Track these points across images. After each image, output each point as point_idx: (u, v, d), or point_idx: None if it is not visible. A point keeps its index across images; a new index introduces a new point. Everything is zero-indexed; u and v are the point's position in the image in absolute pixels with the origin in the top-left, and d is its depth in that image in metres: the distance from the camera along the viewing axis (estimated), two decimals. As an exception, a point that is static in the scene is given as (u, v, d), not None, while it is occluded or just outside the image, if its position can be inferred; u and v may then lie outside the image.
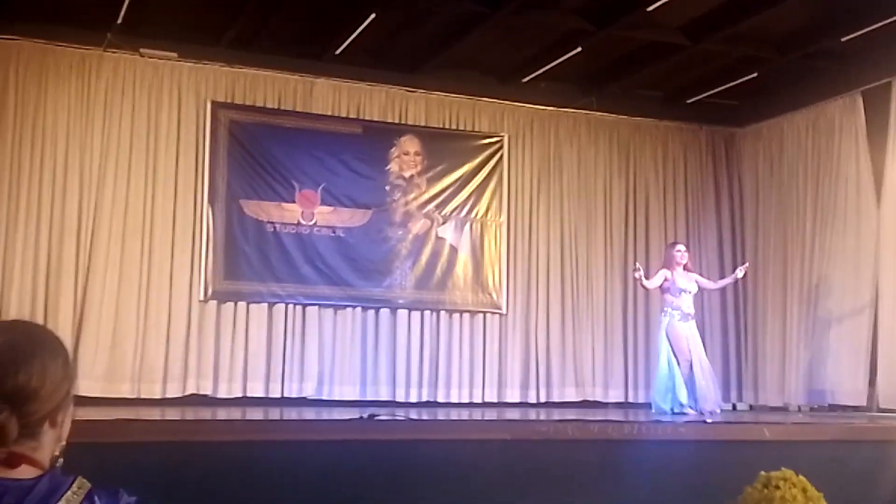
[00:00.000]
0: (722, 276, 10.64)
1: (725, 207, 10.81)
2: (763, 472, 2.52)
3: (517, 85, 9.93)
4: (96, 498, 1.51)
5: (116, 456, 3.22)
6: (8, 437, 1.48)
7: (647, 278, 8.22)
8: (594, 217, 10.28)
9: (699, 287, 8.41)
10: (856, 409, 8.84)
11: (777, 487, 2.45)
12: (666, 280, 8.17)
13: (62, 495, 1.49)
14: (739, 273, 8.62)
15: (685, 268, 8.30)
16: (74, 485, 1.51)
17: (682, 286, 8.15)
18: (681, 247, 8.47)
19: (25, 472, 1.51)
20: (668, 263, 8.30)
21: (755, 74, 9.50)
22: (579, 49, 8.90)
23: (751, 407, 10.28)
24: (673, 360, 7.98)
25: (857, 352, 8.99)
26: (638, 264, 8.61)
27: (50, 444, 1.57)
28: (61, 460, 1.59)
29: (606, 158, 10.43)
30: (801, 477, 2.48)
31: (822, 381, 9.28)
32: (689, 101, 10.46)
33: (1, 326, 1.60)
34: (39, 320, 7.57)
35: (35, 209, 8.39)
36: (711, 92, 10.14)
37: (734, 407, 10.41)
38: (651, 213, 10.52)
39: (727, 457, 4.54)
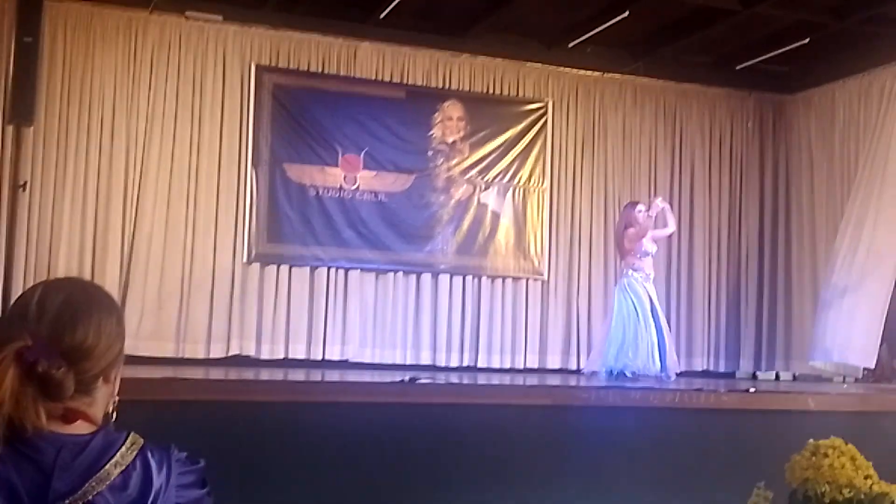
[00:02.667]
0: (761, 248, 10.54)
1: (770, 175, 10.65)
2: (811, 441, 2.49)
3: (563, 50, 9.82)
4: (149, 453, 1.54)
5: (162, 413, 3.26)
6: (65, 393, 1.50)
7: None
8: (638, 184, 10.18)
9: (655, 241, 8.00)
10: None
11: (825, 455, 2.42)
12: (644, 244, 7.90)
13: (116, 451, 1.51)
14: (657, 205, 8.14)
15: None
16: (128, 440, 1.54)
17: (648, 248, 7.87)
18: (641, 206, 8.02)
19: (80, 427, 1.53)
20: (632, 224, 7.88)
21: (807, 40, 9.29)
22: (627, 13, 8.76)
23: (794, 377, 10.18)
24: (630, 322, 7.70)
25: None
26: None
27: (103, 401, 1.60)
28: (115, 416, 1.62)
29: (651, 125, 10.31)
30: (849, 445, 2.45)
31: (870, 352, 9.14)
32: (738, 67, 10.26)
33: (57, 284, 1.63)
34: (87, 280, 7.68)
35: (82, 172, 8.50)
36: (762, 58, 9.94)
37: (777, 377, 10.33)
38: (696, 180, 10.41)
39: (771, 426, 4.50)
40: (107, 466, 1.49)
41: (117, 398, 1.64)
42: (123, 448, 1.52)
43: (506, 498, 4.00)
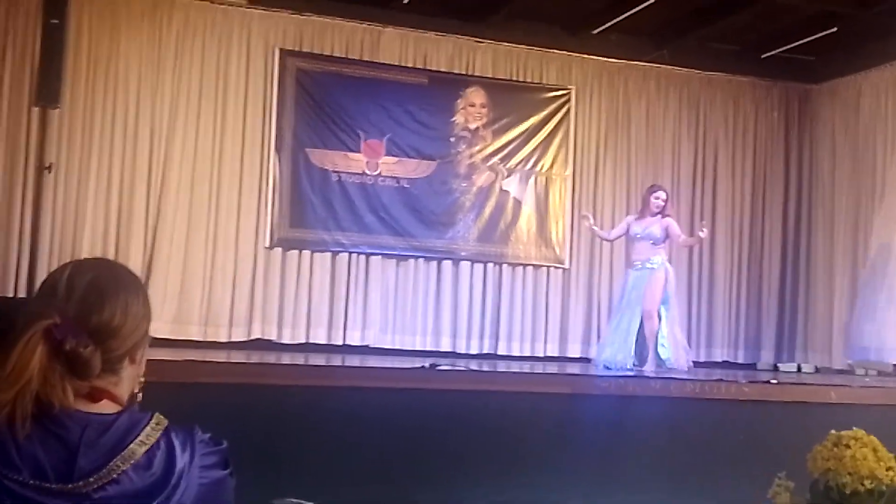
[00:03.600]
0: (784, 240, 10.47)
1: (794, 166, 10.58)
2: (833, 432, 2.48)
3: (587, 37, 9.77)
4: (173, 435, 1.55)
5: (184, 395, 3.29)
6: (91, 371, 1.52)
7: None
8: (661, 173, 10.12)
9: (668, 236, 7.73)
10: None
11: (847, 447, 2.41)
12: (628, 229, 7.82)
13: (141, 430, 1.53)
14: (702, 233, 8.04)
15: (663, 215, 7.73)
16: (153, 421, 1.55)
17: (636, 232, 7.71)
18: (660, 193, 7.81)
19: (106, 406, 1.55)
20: (642, 209, 7.78)
21: (835, 29, 9.20)
22: (652, 0, 8.70)
23: (816, 369, 10.13)
24: (627, 313, 7.56)
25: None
26: (586, 211, 8.29)
27: (129, 381, 1.61)
28: (140, 396, 1.64)
29: (676, 113, 10.26)
30: (871, 437, 2.44)
31: (889, 343, 9.07)
32: (763, 56, 10.18)
33: (85, 264, 1.64)
34: (110, 262, 7.74)
35: (107, 155, 8.55)
36: (788, 46, 9.86)
37: (799, 368, 10.28)
38: (719, 169, 10.35)
39: (792, 418, 4.48)
40: (132, 446, 1.50)
41: (143, 379, 1.66)
42: (148, 428, 1.53)
43: (523, 484, 4.01)
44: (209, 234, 8.78)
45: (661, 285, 7.61)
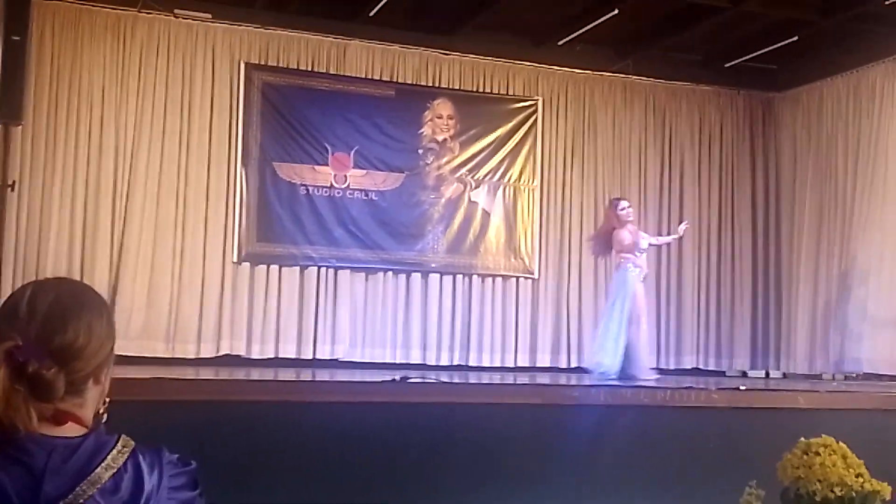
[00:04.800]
0: (755, 245, 10.56)
1: (761, 173, 10.70)
2: (803, 439, 2.49)
3: (552, 48, 9.83)
4: (140, 456, 1.53)
5: (151, 414, 3.24)
6: (55, 393, 1.49)
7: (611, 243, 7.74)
8: (628, 182, 10.19)
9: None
10: (891, 378, 8.75)
11: (817, 454, 2.42)
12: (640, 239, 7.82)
13: (107, 453, 1.50)
14: (681, 230, 8.21)
15: (634, 225, 7.80)
16: (119, 443, 1.53)
17: (643, 245, 7.77)
18: (624, 203, 7.87)
19: (71, 429, 1.52)
20: (616, 223, 7.74)
21: (796, 38, 9.32)
22: (616, 11, 8.77)
23: (784, 375, 10.22)
24: (624, 320, 7.47)
25: (894, 321, 8.88)
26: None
27: (93, 402, 1.59)
28: (105, 417, 1.61)
29: (641, 123, 10.33)
30: (841, 444, 2.46)
31: (857, 350, 9.19)
32: (727, 65, 10.29)
33: (47, 284, 1.62)
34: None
35: (71, 171, 8.47)
36: (750, 55, 9.97)
37: (767, 374, 10.36)
38: (685, 178, 10.44)
39: (761, 424, 4.50)
40: (98, 469, 1.48)
41: (108, 399, 1.64)
42: (115, 451, 1.51)
43: (497, 497, 3.99)
44: (176, 250, 8.71)
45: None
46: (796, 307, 10.06)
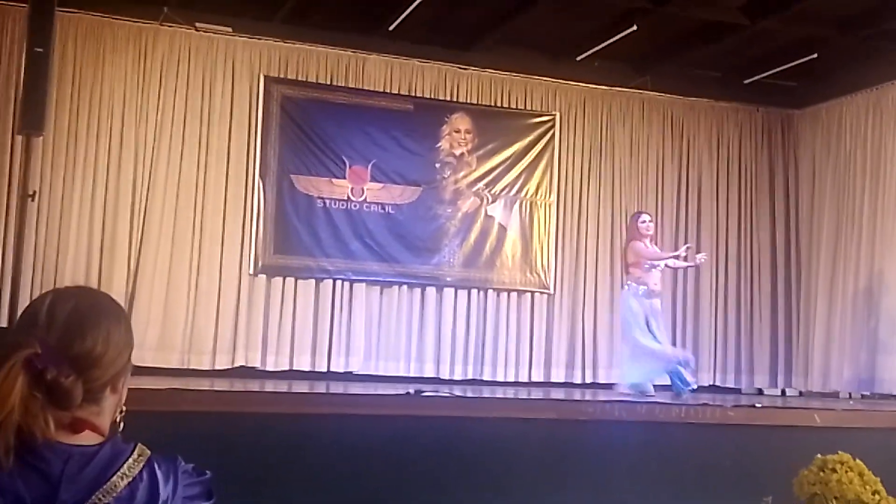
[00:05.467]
0: (773, 262, 10.51)
1: (780, 191, 10.64)
2: (819, 456, 2.48)
3: (570, 63, 9.83)
4: (156, 465, 1.53)
5: (167, 424, 3.26)
6: (73, 401, 1.50)
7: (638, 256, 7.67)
8: (645, 199, 10.17)
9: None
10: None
11: (833, 471, 2.41)
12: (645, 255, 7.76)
13: (123, 462, 1.51)
14: (699, 259, 8.05)
15: (652, 240, 7.84)
16: (135, 452, 1.54)
17: (656, 261, 7.72)
18: (646, 217, 7.92)
19: (88, 437, 1.53)
20: (636, 236, 7.74)
21: (815, 55, 9.29)
22: (635, 27, 8.77)
23: (800, 393, 10.15)
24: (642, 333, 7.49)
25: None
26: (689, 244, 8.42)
27: (110, 410, 1.60)
28: (122, 426, 1.62)
29: (659, 139, 10.31)
30: (857, 461, 2.44)
31: (875, 369, 9.12)
32: (746, 82, 10.27)
33: (66, 292, 1.63)
34: (94, 290, 7.69)
35: (91, 182, 8.53)
36: (769, 72, 9.95)
37: (783, 392, 10.29)
38: (703, 195, 10.39)
39: (777, 441, 4.48)
40: (114, 478, 1.49)
41: (124, 408, 1.64)
42: (130, 460, 1.52)
43: (511, 511, 3.98)
44: (193, 261, 8.75)
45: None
46: (814, 325, 9.99)
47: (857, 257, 9.51)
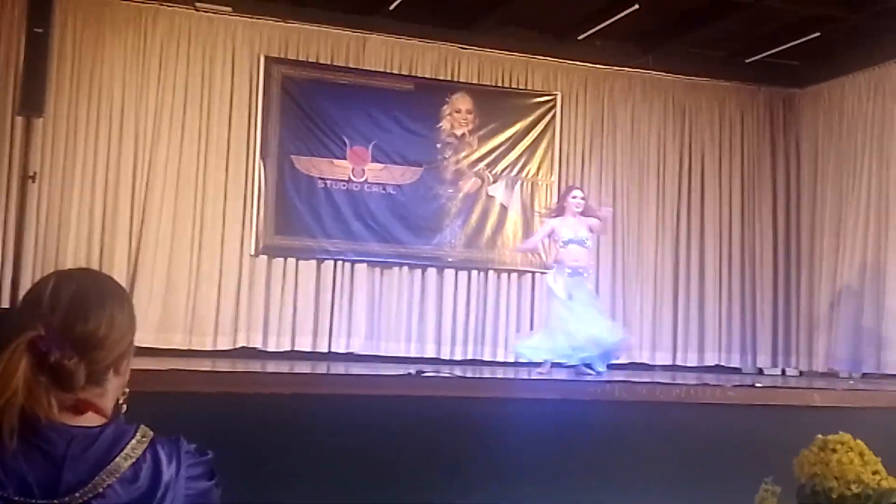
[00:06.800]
0: (775, 241, 10.50)
1: (781, 171, 10.63)
2: (820, 436, 2.49)
3: (572, 43, 9.80)
4: (159, 446, 1.54)
5: (169, 405, 3.27)
6: (76, 383, 1.51)
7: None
8: (646, 178, 10.16)
9: (591, 233, 7.49)
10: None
11: (834, 451, 2.42)
12: (553, 232, 7.56)
13: (127, 443, 1.52)
14: (604, 213, 7.77)
15: (584, 215, 7.44)
16: (138, 433, 1.55)
17: (567, 237, 7.37)
18: (577, 192, 7.56)
19: (91, 419, 1.54)
20: (560, 211, 7.53)
21: (818, 34, 9.25)
22: (637, 6, 8.73)
23: (801, 373, 10.17)
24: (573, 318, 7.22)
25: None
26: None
27: (113, 392, 1.61)
28: (125, 407, 1.63)
29: (661, 119, 10.29)
30: (858, 441, 2.45)
31: (876, 349, 9.13)
32: (748, 61, 10.23)
33: (69, 274, 1.63)
34: (95, 271, 7.71)
35: (91, 163, 8.52)
36: (771, 52, 9.91)
37: (783, 372, 10.32)
38: (706, 174, 10.38)
39: (777, 421, 4.50)
40: (117, 459, 1.50)
41: (127, 390, 1.65)
42: (134, 440, 1.53)
43: (511, 491, 4.00)
44: (194, 242, 8.75)
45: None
46: (818, 305, 10.00)
47: (860, 237, 9.50)
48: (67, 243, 8.35)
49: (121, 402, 1.63)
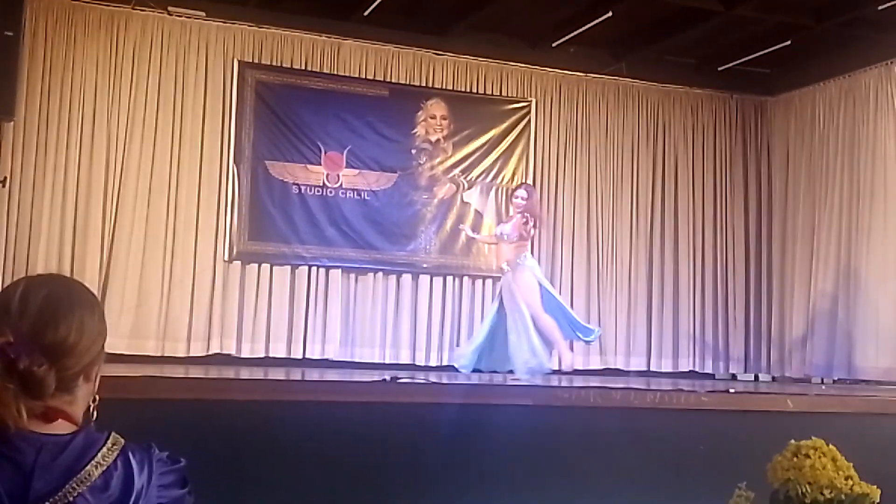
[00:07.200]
0: (747, 247, 10.56)
1: (753, 178, 10.72)
2: (793, 441, 2.50)
3: (546, 50, 9.84)
4: (130, 454, 1.53)
5: (141, 412, 3.24)
6: (45, 390, 1.49)
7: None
8: (620, 184, 10.21)
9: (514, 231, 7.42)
10: (879, 384, 8.77)
11: (807, 456, 2.43)
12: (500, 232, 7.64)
13: (98, 451, 1.50)
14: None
15: (523, 214, 7.39)
16: (109, 441, 1.53)
17: (500, 233, 7.52)
18: (519, 191, 7.60)
19: (61, 427, 1.52)
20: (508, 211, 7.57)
21: (789, 42, 9.35)
22: (610, 14, 8.78)
23: (773, 378, 10.25)
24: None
25: (887, 327, 8.90)
26: (462, 225, 8.59)
27: (84, 399, 1.59)
28: (95, 414, 1.61)
29: (634, 126, 10.35)
30: (831, 447, 2.47)
31: (848, 355, 9.21)
32: (720, 69, 10.32)
33: (39, 280, 1.61)
34: (66, 277, 7.63)
35: (62, 167, 8.44)
36: (744, 59, 10.00)
37: (756, 378, 10.39)
38: (679, 181, 10.45)
39: (750, 427, 4.52)
40: (88, 467, 1.48)
41: (97, 397, 1.63)
42: (105, 448, 1.51)
43: (486, 498, 3.99)
44: (167, 248, 8.69)
45: (526, 283, 7.31)
46: (790, 311, 10.08)
47: (832, 243, 9.59)
48: (38, 248, 8.26)
49: (91, 409, 1.61)
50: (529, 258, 7.60)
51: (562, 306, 7.58)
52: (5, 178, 8.12)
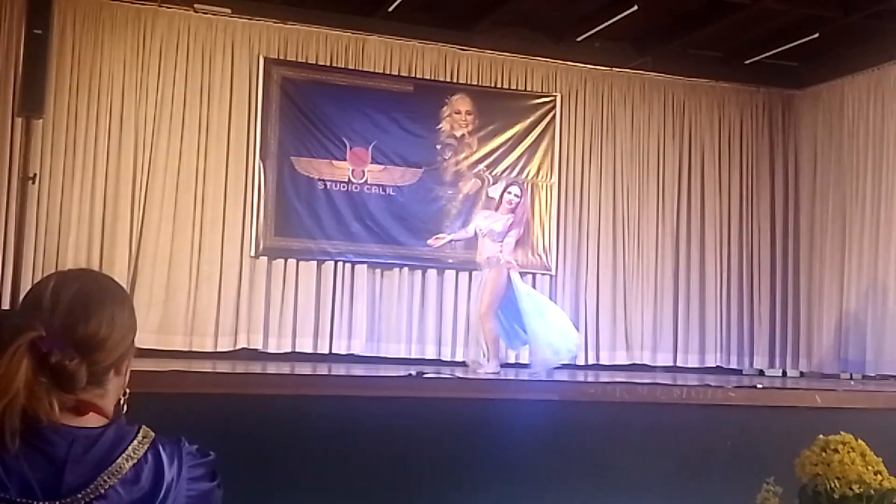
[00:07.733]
0: (773, 242, 10.49)
1: (780, 172, 10.63)
2: (821, 436, 2.48)
3: (571, 44, 9.80)
4: (160, 447, 1.54)
5: (170, 406, 3.27)
6: (77, 384, 1.50)
7: None
8: (646, 179, 10.16)
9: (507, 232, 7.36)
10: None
11: (836, 451, 2.41)
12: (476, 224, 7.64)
13: (128, 444, 1.52)
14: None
15: (512, 211, 7.35)
16: (139, 434, 1.54)
17: (482, 228, 7.48)
18: (512, 188, 7.52)
19: (92, 420, 1.54)
20: (497, 205, 7.54)
21: (817, 35, 9.25)
22: (636, 7, 8.73)
23: (801, 374, 10.17)
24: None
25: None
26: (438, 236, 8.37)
27: (114, 393, 1.60)
28: (125, 408, 1.62)
29: (660, 120, 10.29)
30: (859, 441, 2.45)
31: (877, 350, 9.13)
32: (747, 62, 10.24)
33: (70, 275, 1.63)
34: (95, 273, 7.70)
35: (91, 164, 8.52)
36: (771, 52, 9.91)
37: (784, 373, 10.32)
38: (706, 175, 10.39)
39: (778, 422, 4.49)
40: (119, 460, 1.49)
41: (128, 390, 1.65)
42: (135, 441, 1.52)
43: (511, 493, 4.00)
44: (194, 244, 8.75)
45: (499, 284, 7.35)
46: (819, 306, 9.99)
47: (862, 238, 9.50)
48: (68, 244, 8.35)
49: (121, 402, 1.63)
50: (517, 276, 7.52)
51: (520, 319, 7.43)
52: (35, 175, 8.20)
